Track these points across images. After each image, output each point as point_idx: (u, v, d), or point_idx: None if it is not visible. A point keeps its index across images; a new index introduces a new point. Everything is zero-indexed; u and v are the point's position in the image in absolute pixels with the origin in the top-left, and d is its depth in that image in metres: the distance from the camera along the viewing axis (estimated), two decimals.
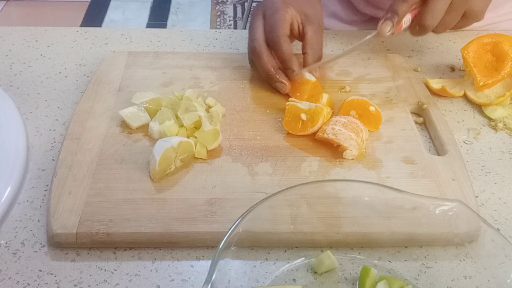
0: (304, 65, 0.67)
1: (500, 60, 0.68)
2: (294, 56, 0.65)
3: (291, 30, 0.68)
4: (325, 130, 0.58)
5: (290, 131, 0.61)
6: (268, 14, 0.67)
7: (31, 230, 0.52)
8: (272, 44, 0.65)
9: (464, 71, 0.73)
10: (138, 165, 0.56)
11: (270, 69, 0.66)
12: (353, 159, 0.58)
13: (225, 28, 2.56)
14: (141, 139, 0.60)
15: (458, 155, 0.59)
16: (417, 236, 0.50)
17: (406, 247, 0.51)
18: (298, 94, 0.66)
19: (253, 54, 0.67)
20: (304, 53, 0.67)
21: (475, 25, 0.85)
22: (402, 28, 0.65)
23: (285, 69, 0.66)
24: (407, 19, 0.65)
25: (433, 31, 0.66)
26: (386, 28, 0.63)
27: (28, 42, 0.80)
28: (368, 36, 0.65)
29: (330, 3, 0.94)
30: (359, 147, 0.57)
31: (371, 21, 0.90)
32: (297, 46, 0.71)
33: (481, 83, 0.67)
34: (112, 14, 2.63)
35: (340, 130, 0.57)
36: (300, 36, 0.69)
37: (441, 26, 0.65)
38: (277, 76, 0.66)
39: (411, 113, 0.66)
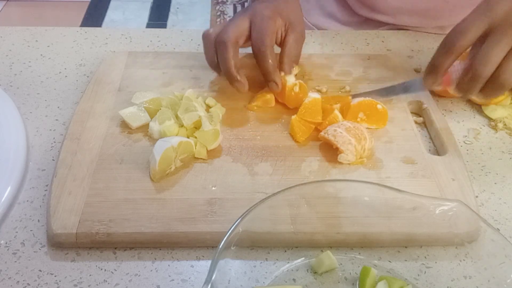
0: (281, 71, 0.65)
1: None
2: (277, 69, 0.64)
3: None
4: (327, 130, 0.58)
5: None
6: (257, 20, 0.64)
7: (31, 230, 0.52)
8: (258, 53, 0.63)
9: None
10: (138, 165, 0.56)
11: (231, 65, 0.62)
12: (349, 164, 0.58)
13: None
14: (141, 139, 0.60)
15: (458, 155, 0.59)
16: (417, 236, 0.50)
17: (406, 247, 0.51)
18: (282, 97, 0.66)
19: (220, 45, 0.62)
20: (280, 61, 0.66)
21: None
22: (453, 81, 0.60)
23: (268, 81, 0.64)
24: (456, 69, 0.60)
25: (493, 84, 0.56)
26: (427, 81, 0.60)
27: (28, 42, 0.80)
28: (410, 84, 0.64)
29: (326, 4, 0.94)
30: (357, 153, 0.57)
31: (367, 23, 0.90)
32: None
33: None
34: (112, 14, 2.63)
35: (342, 133, 0.57)
36: (280, 43, 0.68)
37: (503, 74, 0.55)
38: (237, 76, 0.63)
39: (411, 113, 0.66)
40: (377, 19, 0.88)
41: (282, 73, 0.65)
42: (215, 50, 0.64)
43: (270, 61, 0.63)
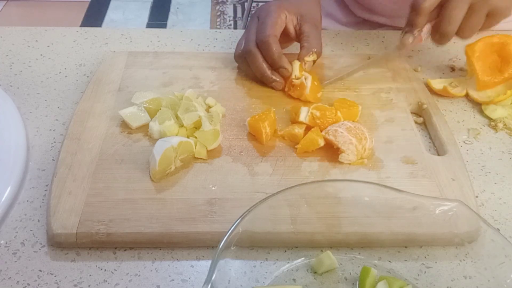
0: (299, 57, 0.68)
1: (505, 62, 0.67)
2: (283, 55, 0.66)
3: (288, 32, 0.69)
4: (328, 130, 0.58)
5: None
6: (261, 17, 0.68)
7: (31, 230, 0.52)
8: (260, 45, 0.66)
9: (466, 71, 0.73)
10: (138, 165, 0.56)
11: (265, 69, 0.67)
12: (349, 164, 0.58)
13: (225, 28, 2.56)
14: (141, 139, 0.60)
15: (458, 155, 0.59)
16: (417, 236, 0.50)
17: (406, 247, 0.51)
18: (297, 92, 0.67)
19: (248, 55, 0.67)
20: (301, 47, 0.68)
21: None
22: (423, 39, 0.66)
23: (277, 68, 0.67)
24: (426, 30, 0.65)
25: (459, 36, 0.63)
26: (408, 40, 0.65)
27: (28, 42, 0.80)
28: (389, 51, 0.67)
29: (326, 4, 0.95)
30: (358, 153, 0.57)
31: (366, 23, 0.91)
32: (294, 47, 0.71)
33: (484, 80, 0.67)
34: (112, 14, 2.63)
35: (342, 133, 0.57)
36: (298, 36, 0.70)
37: (465, 31, 0.63)
38: (272, 76, 0.67)
39: (411, 113, 0.66)
40: (375, 21, 0.88)
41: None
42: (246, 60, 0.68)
43: (274, 48, 0.65)
